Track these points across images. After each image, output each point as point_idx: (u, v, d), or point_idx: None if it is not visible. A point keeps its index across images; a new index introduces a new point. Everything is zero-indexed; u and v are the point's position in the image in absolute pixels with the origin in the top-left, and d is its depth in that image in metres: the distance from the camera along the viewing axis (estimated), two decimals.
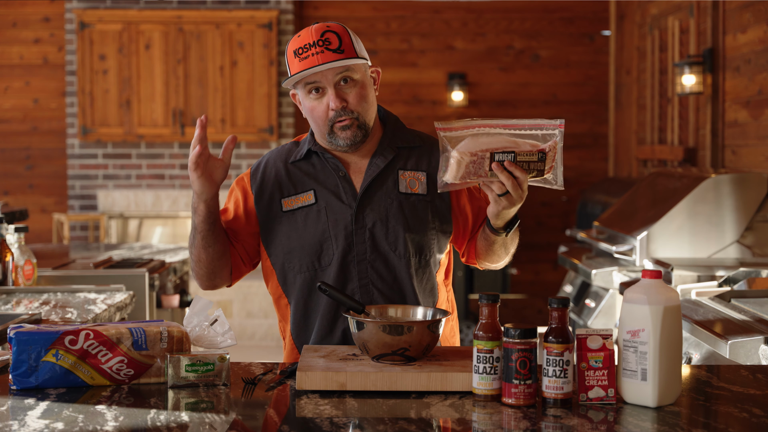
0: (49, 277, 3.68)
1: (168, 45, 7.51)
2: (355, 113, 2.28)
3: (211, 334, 2.06)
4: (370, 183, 2.34)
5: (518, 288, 7.93)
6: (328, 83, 2.26)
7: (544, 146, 2.10)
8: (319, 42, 2.25)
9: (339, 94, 2.27)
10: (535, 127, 2.13)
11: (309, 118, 2.34)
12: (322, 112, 2.29)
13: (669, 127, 6.36)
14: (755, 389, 1.94)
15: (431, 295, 2.40)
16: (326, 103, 2.28)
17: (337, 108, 2.27)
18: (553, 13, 7.92)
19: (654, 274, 1.84)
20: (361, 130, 2.30)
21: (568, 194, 7.96)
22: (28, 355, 1.92)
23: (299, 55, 2.26)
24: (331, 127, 2.30)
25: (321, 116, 2.29)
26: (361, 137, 2.31)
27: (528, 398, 1.81)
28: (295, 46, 2.28)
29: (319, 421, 1.73)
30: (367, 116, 2.32)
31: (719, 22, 5.42)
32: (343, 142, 2.30)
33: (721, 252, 4.26)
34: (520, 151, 2.09)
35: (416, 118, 7.85)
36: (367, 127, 2.32)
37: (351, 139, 2.30)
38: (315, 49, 2.25)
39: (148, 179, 7.72)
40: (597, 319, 4.74)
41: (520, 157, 2.08)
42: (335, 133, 2.30)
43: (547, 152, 2.10)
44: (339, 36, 2.27)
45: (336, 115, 2.27)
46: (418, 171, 2.37)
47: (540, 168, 2.11)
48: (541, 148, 2.10)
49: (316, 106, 2.29)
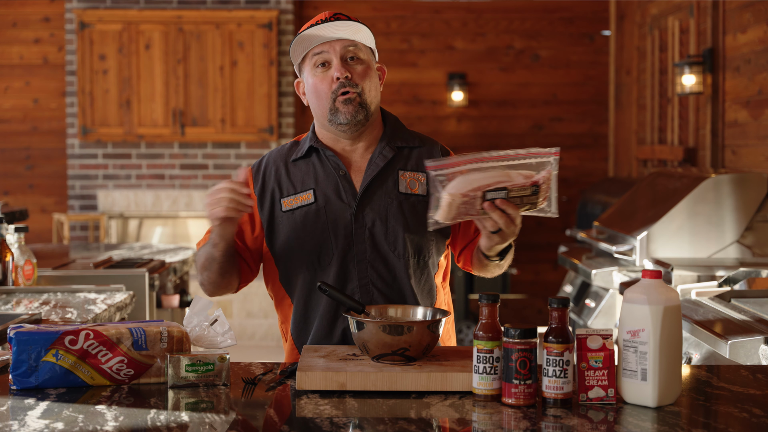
0: (49, 277, 3.68)
1: (168, 45, 7.51)
2: (359, 87, 2.28)
3: (211, 334, 2.06)
4: (370, 182, 2.34)
5: (518, 288, 7.93)
6: (334, 53, 2.27)
7: (538, 177, 2.06)
8: (331, 18, 2.28)
9: (344, 66, 2.28)
10: (529, 156, 2.09)
11: (312, 97, 2.33)
12: (327, 84, 2.28)
13: (669, 127, 6.36)
14: (755, 389, 1.94)
15: (429, 296, 2.40)
16: (331, 76, 2.28)
17: (342, 76, 2.26)
18: (553, 13, 7.92)
19: (654, 274, 1.84)
20: (363, 108, 2.29)
21: (568, 194, 7.96)
22: (28, 355, 1.92)
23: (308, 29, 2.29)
24: (333, 101, 2.29)
25: (324, 89, 2.29)
26: (362, 117, 2.30)
27: (528, 398, 1.81)
28: (307, 25, 2.31)
29: (319, 421, 1.73)
30: (370, 96, 2.31)
31: (719, 22, 5.42)
32: (344, 118, 2.28)
33: (721, 252, 4.26)
34: (512, 186, 2.05)
35: (416, 118, 7.85)
36: (368, 107, 2.31)
37: (352, 114, 2.28)
38: (326, 22, 2.28)
39: (148, 179, 7.72)
40: (597, 319, 4.74)
41: (513, 193, 2.05)
42: (337, 109, 2.29)
43: (540, 184, 2.06)
44: (350, 18, 2.30)
45: (340, 86, 2.27)
46: (418, 172, 2.37)
47: (533, 201, 2.08)
48: (534, 180, 2.06)
49: (320, 80, 2.29)
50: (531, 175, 2.07)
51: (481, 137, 7.95)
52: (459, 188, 2.04)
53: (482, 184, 2.05)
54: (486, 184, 2.05)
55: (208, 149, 7.68)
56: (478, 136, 7.94)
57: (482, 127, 7.96)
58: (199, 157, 7.69)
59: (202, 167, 7.69)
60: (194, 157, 7.69)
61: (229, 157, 7.67)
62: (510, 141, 7.94)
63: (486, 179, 2.06)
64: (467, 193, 2.04)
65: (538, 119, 7.96)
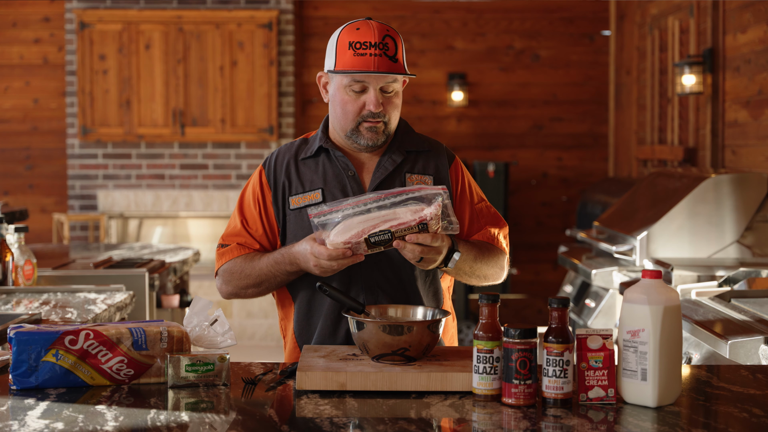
0: (49, 277, 3.68)
1: (168, 45, 7.51)
2: (386, 117, 2.33)
3: (211, 334, 2.06)
4: (378, 184, 2.35)
5: (518, 288, 7.93)
6: (373, 86, 2.29)
7: (425, 214, 2.11)
8: (380, 45, 2.28)
9: (378, 98, 2.30)
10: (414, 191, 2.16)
11: (336, 108, 2.35)
12: (357, 107, 2.31)
13: (669, 127, 6.36)
14: (755, 389, 1.94)
15: (435, 299, 2.40)
16: (363, 101, 2.30)
17: (375, 111, 2.30)
18: (553, 13, 7.92)
19: (654, 274, 1.84)
20: (384, 135, 2.35)
21: (568, 194, 7.96)
22: (28, 355, 1.92)
23: (356, 48, 2.28)
24: (357, 125, 2.32)
25: (353, 111, 2.31)
26: (382, 142, 2.35)
27: (528, 398, 1.81)
28: (353, 38, 2.29)
29: (319, 421, 1.73)
30: (393, 123, 2.36)
31: (719, 22, 5.42)
32: (365, 142, 2.33)
33: (721, 252, 4.26)
34: (397, 226, 2.09)
35: (416, 118, 7.85)
36: (390, 133, 2.36)
37: (374, 141, 2.34)
38: (374, 50, 2.27)
39: (148, 179, 7.72)
40: (597, 319, 4.74)
41: (398, 233, 2.10)
42: (360, 132, 2.33)
43: (429, 221, 2.10)
44: (396, 44, 2.31)
45: (369, 115, 2.30)
46: (425, 174, 2.39)
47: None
48: (422, 217, 2.10)
49: (351, 100, 2.31)
50: (420, 209, 2.11)
51: (481, 137, 7.95)
52: (341, 236, 2.10)
53: (364, 228, 2.10)
54: (369, 228, 2.10)
55: (208, 149, 7.68)
56: (478, 136, 7.95)
57: (482, 127, 7.96)
58: (199, 157, 7.69)
59: (202, 167, 7.69)
60: (194, 157, 7.69)
61: (229, 157, 7.67)
62: (510, 141, 7.94)
63: (368, 221, 2.11)
64: (348, 241, 2.10)
65: (538, 119, 7.96)
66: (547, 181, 7.99)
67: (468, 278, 2.36)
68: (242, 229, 2.41)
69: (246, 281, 2.36)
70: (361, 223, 2.11)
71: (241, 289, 2.39)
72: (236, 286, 2.39)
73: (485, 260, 2.35)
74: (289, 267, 2.28)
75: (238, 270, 2.37)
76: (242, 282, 2.37)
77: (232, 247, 2.40)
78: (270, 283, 2.35)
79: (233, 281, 2.39)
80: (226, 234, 2.43)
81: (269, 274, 2.32)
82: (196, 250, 4.88)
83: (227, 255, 2.40)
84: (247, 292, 2.39)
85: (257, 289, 2.37)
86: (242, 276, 2.36)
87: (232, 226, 2.43)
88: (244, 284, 2.37)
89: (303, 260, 2.23)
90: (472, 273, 2.34)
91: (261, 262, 2.34)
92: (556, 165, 7.98)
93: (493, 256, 2.38)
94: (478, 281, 2.39)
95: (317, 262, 2.18)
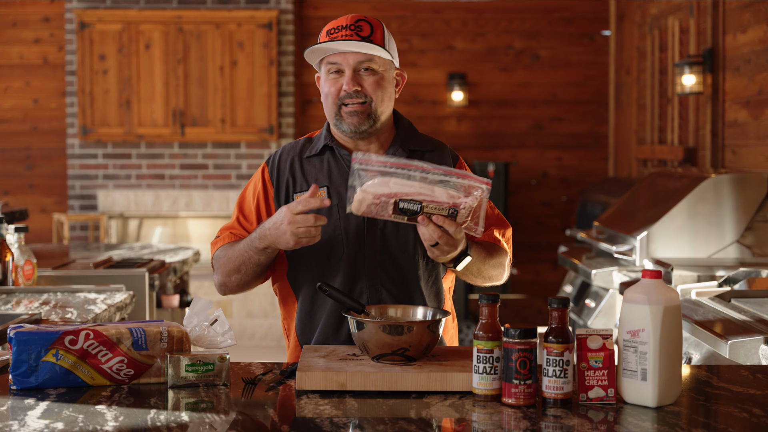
0: (49, 277, 3.68)
1: (168, 45, 7.51)
2: (368, 97, 2.30)
3: (211, 334, 2.06)
4: None
5: (518, 288, 7.93)
6: (347, 65, 2.29)
7: (460, 202, 2.06)
8: (351, 26, 2.29)
9: (355, 78, 2.30)
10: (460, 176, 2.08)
11: (324, 99, 2.36)
12: (336, 90, 2.31)
13: (669, 127, 6.36)
14: (755, 389, 1.94)
15: (437, 299, 2.40)
16: (341, 83, 2.30)
17: (349, 90, 2.29)
18: (553, 13, 7.92)
19: (654, 274, 1.84)
20: (371, 118, 2.32)
21: (568, 194, 7.96)
22: (28, 355, 1.92)
23: (330, 34, 2.30)
24: (339, 109, 2.32)
25: (333, 94, 2.32)
26: (367, 127, 2.32)
27: (528, 398, 1.81)
28: (329, 27, 2.32)
29: (319, 421, 1.73)
30: (381, 105, 2.33)
31: (719, 22, 5.42)
32: (348, 127, 2.32)
33: (721, 252, 4.26)
34: (429, 201, 2.05)
35: (416, 118, 7.85)
36: (377, 116, 2.33)
37: (356, 125, 2.31)
38: (345, 32, 2.29)
39: (148, 179, 7.72)
40: (597, 319, 4.74)
41: (427, 209, 2.05)
42: (342, 117, 2.32)
43: (460, 209, 2.05)
44: (372, 27, 2.31)
45: (346, 96, 2.30)
46: None
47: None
48: (455, 203, 2.05)
49: (331, 85, 2.32)
50: (456, 197, 2.06)
51: (481, 137, 7.95)
52: (375, 188, 2.06)
53: (399, 191, 2.06)
54: (403, 192, 2.06)
55: (208, 149, 7.68)
56: (478, 136, 7.95)
57: (482, 127, 7.96)
58: (199, 157, 7.69)
59: (202, 167, 7.69)
60: (194, 157, 7.69)
61: (229, 157, 7.67)
62: (510, 141, 7.94)
63: (405, 187, 2.06)
64: (379, 196, 2.06)
65: (538, 119, 7.96)
66: (547, 181, 7.99)
67: (473, 278, 2.36)
68: (236, 222, 2.43)
69: (229, 266, 2.34)
70: (397, 185, 2.07)
71: (226, 276, 2.36)
72: (222, 273, 2.37)
73: (492, 262, 2.35)
74: (258, 243, 2.24)
75: (224, 255, 2.36)
76: (226, 268, 2.35)
77: (224, 236, 2.40)
78: (247, 267, 2.30)
79: (220, 268, 2.38)
80: (222, 227, 2.44)
81: (245, 255, 2.29)
82: (196, 250, 4.88)
83: (218, 244, 2.41)
84: (232, 279, 2.35)
85: (239, 275, 2.33)
86: (227, 261, 2.35)
87: (229, 221, 2.45)
88: (227, 270, 2.35)
89: (274, 227, 2.18)
90: (479, 274, 2.34)
91: (239, 243, 2.33)
92: (556, 165, 7.98)
93: (499, 257, 2.39)
94: (482, 281, 2.39)
95: (292, 218, 2.13)
